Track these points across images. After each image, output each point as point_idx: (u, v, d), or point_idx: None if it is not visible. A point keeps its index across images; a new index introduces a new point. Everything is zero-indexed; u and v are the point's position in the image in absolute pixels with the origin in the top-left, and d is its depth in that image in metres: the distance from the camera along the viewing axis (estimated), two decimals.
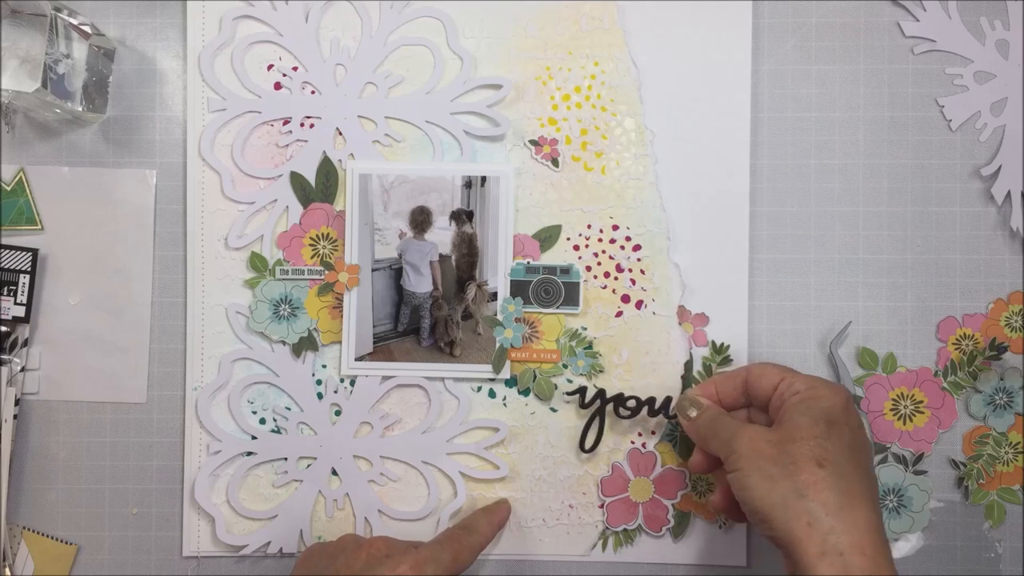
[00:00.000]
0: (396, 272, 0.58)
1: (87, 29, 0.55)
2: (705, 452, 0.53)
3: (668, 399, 0.57)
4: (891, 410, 0.58)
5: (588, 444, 0.57)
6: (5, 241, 0.58)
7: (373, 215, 0.57)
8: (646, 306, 0.58)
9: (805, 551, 0.44)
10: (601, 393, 0.57)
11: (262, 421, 0.58)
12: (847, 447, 0.47)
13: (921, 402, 0.58)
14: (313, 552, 0.52)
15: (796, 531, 0.44)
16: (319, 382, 0.58)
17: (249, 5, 0.58)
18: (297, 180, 0.58)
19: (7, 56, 0.53)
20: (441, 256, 0.58)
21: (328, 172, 0.58)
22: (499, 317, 0.57)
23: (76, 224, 0.58)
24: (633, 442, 0.58)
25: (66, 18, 0.54)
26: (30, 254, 0.57)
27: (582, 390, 0.57)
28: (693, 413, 0.53)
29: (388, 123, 0.58)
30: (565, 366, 0.58)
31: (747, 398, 0.53)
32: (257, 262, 0.58)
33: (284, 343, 0.58)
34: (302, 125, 0.58)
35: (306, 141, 0.58)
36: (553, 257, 0.58)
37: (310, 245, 0.58)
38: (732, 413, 0.54)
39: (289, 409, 0.58)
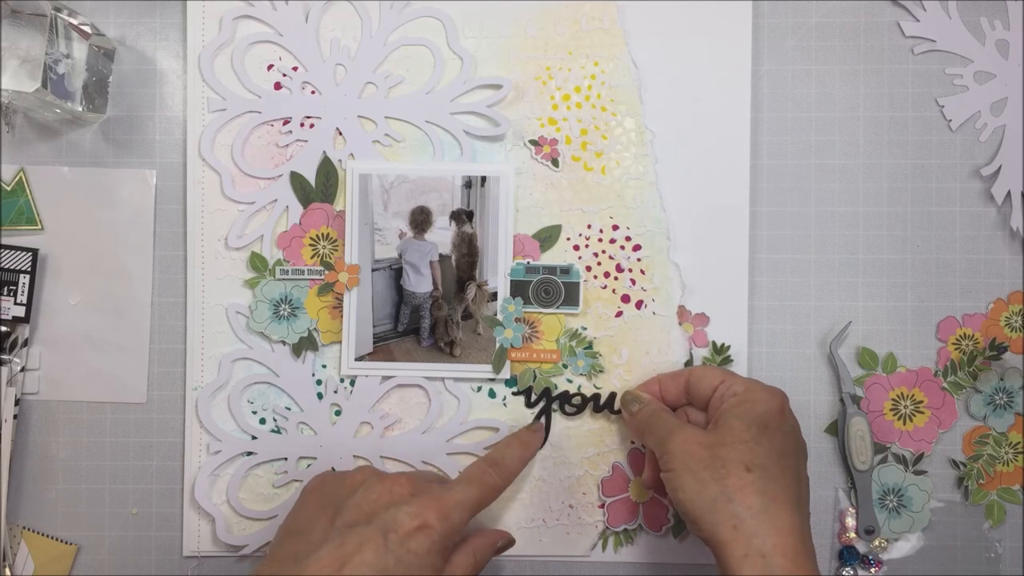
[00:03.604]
0: (396, 272, 0.58)
1: (87, 29, 0.55)
2: (655, 469, 0.53)
3: (612, 395, 0.57)
4: (891, 410, 0.58)
5: None
6: (5, 241, 0.58)
7: (373, 215, 0.57)
8: (646, 306, 0.58)
9: (731, 553, 0.45)
10: (546, 392, 0.57)
11: (262, 421, 0.58)
12: (776, 452, 0.48)
13: (921, 402, 0.58)
14: (327, 480, 0.50)
15: (722, 533, 0.46)
16: (319, 382, 0.58)
17: (249, 5, 0.58)
18: (297, 180, 0.58)
19: (7, 56, 0.53)
20: (441, 256, 0.58)
21: (328, 172, 0.58)
22: (499, 317, 0.57)
23: (76, 224, 0.58)
24: (633, 442, 0.58)
25: (66, 18, 0.54)
26: (30, 254, 0.57)
27: (527, 390, 0.57)
28: (635, 408, 0.54)
29: (388, 123, 0.58)
30: (565, 366, 0.58)
31: (688, 398, 0.54)
32: (257, 262, 0.58)
33: (284, 343, 0.58)
34: (302, 125, 0.58)
35: (306, 141, 0.58)
36: (553, 257, 0.58)
37: (310, 245, 0.58)
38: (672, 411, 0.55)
39: (289, 409, 0.58)
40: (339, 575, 0.44)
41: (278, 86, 0.58)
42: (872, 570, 0.58)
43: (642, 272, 0.58)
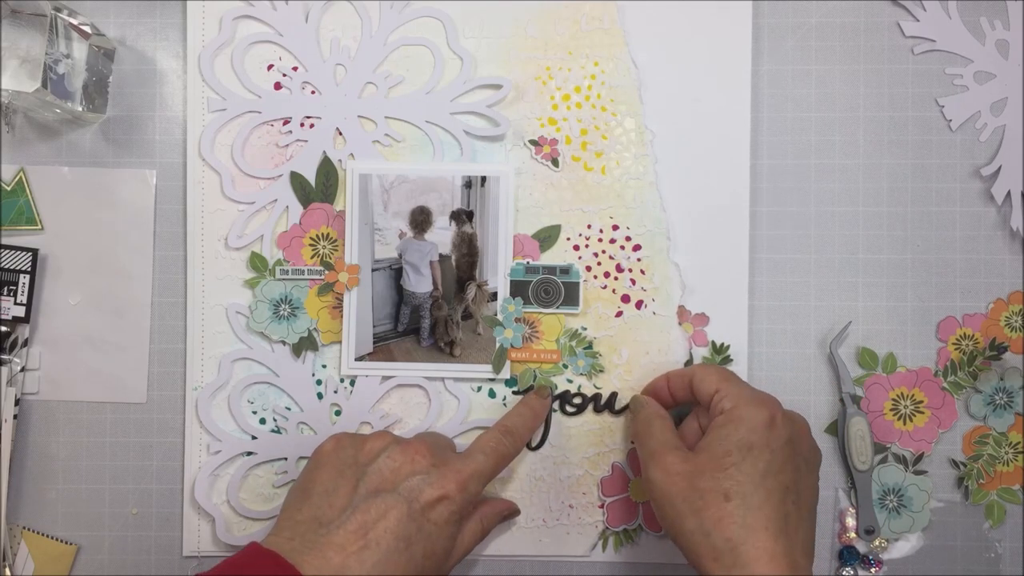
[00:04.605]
0: (396, 272, 0.58)
1: (87, 29, 0.55)
2: None
3: (613, 395, 0.57)
4: (891, 410, 0.58)
5: (535, 442, 0.58)
6: (5, 241, 0.58)
7: (373, 215, 0.57)
8: (646, 306, 0.58)
9: None
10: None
11: (262, 421, 0.58)
12: (760, 474, 0.47)
13: (921, 402, 0.58)
14: (343, 443, 0.50)
15: (705, 565, 0.46)
16: (319, 382, 0.58)
17: (249, 5, 0.58)
18: (297, 180, 0.58)
19: (7, 56, 0.53)
20: (441, 256, 0.58)
21: (328, 172, 0.58)
22: (499, 317, 0.57)
23: (76, 224, 0.58)
24: (633, 442, 0.58)
25: (66, 18, 0.54)
26: (30, 254, 0.57)
27: (527, 390, 0.57)
28: (637, 412, 0.54)
29: (388, 123, 0.58)
30: (565, 366, 0.58)
31: (692, 394, 0.53)
32: (257, 262, 0.58)
33: (284, 343, 0.58)
34: (302, 125, 0.58)
35: (306, 141, 0.58)
36: (553, 257, 0.58)
37: (310, 245, 0.58)
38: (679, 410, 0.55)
39: (289, 409, 0.58)
40: (364, 541, 0.45)
41: (278, 86, 0.58)
42: (872, 570, 0.58)
43: (642, 272, 0.58)
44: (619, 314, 0.58)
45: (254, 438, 0.58)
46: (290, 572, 0.43)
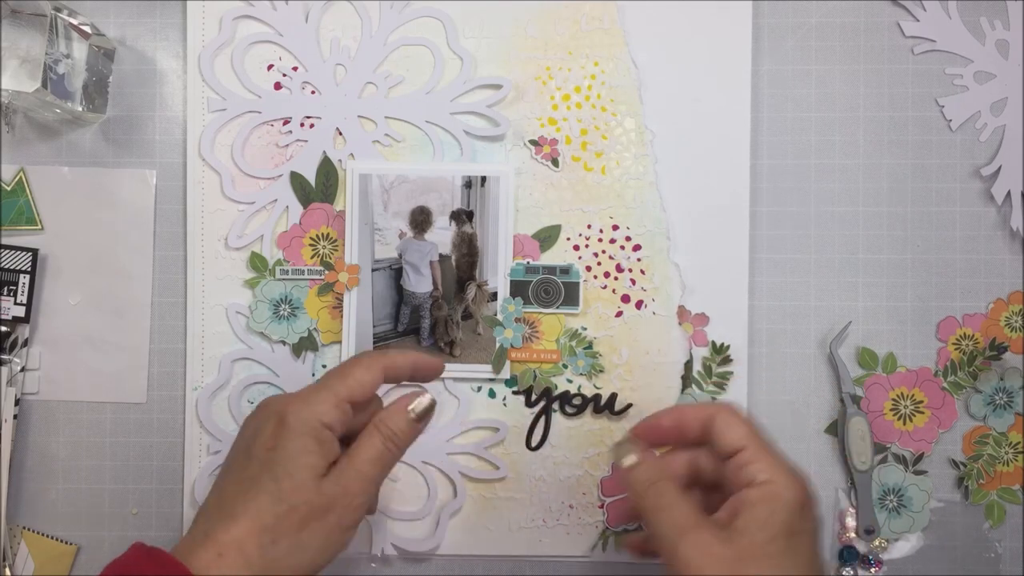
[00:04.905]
0: (396, 272, 0.58)
1: (87, 29, 0.55)
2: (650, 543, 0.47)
3: (613, 395, 0.57)
4: (891, 410, 0.58)
5: (534, 443, 0.57)
6: (5, 241, 0.58)
7: (373, 215, 0.57)
8: (646, 306, 0.58)
9: None
10: (546, 392, 0.57)
11: None
12: (806, 562, 0.43)
13: (921, 402, 0.58)
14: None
15: None
16: None
17: (249, 5, 0.58)
18: (297, 180, 0.58)
19: (7, 56, 0.53)
20: (441, 256, 0.58)
21: (328, 172, 0.58)
22: (499, 317, 0.57)
23: (76, 224, 0.58)
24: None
25: (66, 18, 0.54)
26: (30, 254, 0.57)
27: (527, 390, 0.57)
28: (630, 461, 0.46)
29: (388, 123, 0.58)
30: (565, 366, 0.58)
31: (707, 438, 0.46)
32: (257, 262, 0.58)
33: (284, 343, 0.58)
34: (302, 125, 0.58)
35: (306, 141, 0.58)
36: (553, 257, 0.58)
37: (310, 245, 0.58)
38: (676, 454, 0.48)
39: None
40: (219, 501, 0.44)
41: (278, 86, 0.58)
42: (872, 570, 0.58)
43: (642, 272, 0.58)
44: (619, 314, 0.58)
45: None
46: (154, 552, 0.43)
